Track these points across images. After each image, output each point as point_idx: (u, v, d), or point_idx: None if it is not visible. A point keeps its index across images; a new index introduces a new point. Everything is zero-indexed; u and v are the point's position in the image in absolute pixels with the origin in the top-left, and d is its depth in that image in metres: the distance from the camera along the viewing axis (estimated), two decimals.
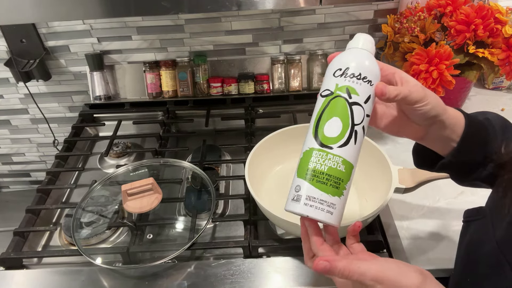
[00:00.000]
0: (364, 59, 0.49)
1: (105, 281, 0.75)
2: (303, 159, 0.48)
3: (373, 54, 0.52)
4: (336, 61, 0.51)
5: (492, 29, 0.90)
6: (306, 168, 0.47)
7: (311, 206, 0.46)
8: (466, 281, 0.55)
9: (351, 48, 0.51)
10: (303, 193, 0.47)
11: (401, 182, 0.73)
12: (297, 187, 0.48)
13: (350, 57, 0.50)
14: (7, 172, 1.48)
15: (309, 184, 0.47)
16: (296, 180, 0.48)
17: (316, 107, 0.49)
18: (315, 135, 0.48)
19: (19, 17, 0.69)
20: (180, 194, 0.94)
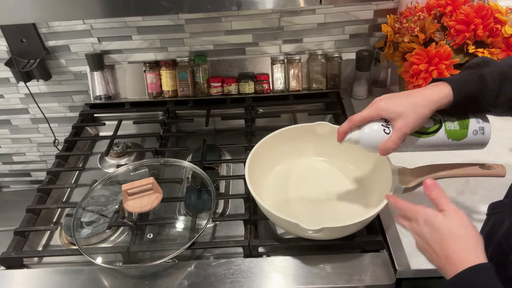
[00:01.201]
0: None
1: (105, 280, 0.75)
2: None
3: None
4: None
5: (492, 29, 0.90)
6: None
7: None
8: None
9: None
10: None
11: (401, 182, 0.73)
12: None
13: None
14: (8, 171, 1.48)
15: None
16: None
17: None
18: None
19: (19, 17, 0.69)
20: (180, 193, 0.94)
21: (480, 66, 0.62)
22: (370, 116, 0.64)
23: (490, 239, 0.58)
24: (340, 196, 0.84)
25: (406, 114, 0.61)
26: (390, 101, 0.63)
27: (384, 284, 0.71)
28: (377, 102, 0.64)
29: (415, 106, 0.61)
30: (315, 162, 0.92)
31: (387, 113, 0.62)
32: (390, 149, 0.63)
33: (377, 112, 0.63)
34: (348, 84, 1.21)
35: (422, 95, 0.61)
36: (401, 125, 0.61)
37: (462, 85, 0.61)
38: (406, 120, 0.61)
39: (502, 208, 0.59)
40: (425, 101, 0.61)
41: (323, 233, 0.67)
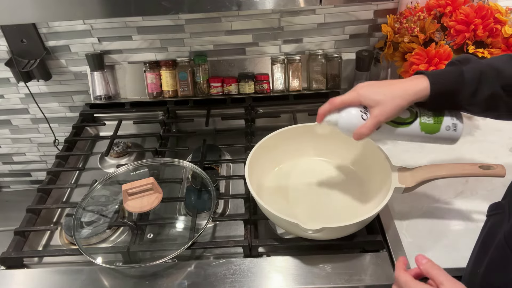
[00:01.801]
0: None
1: (105, 280, 0.75)
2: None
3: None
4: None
5: (492, 29, 0.90)
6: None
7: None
8: (476, 273, 0.57)
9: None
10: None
11: (401, 182, 0.73)
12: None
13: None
14: (8, 171, 1.48)
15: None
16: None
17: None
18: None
19: (19, 17, 0.69)
20: (181, 193, 0.94)
21: (461, 63, 0.64)
22: (350, 101, 0.66)
23: (489, 241, 0.58)
24: (340, 196, 0.84)
25: (383, 102, 0.63)
26: (371, 88, 0.65)
27: (384, 284, 0.71)
28: (358, 88, 0.66)
29: (394, 96, 0.63)
30: (315, 162, 0.92)
31: (366, 100, 0.65)
32: (363, 135, 0.65)
33: (357, 98, 0.65)
34: (348, 84, 1.21)
35: (402, 87, 0.63)
36: (377, 113, 0.63)
37: (440, 80, 0.62)
38: (383, 109, 0.63)
39: (501, 209, 0.59)
40: (404, 92, 0.63)
41: (323, 233, 0.67)
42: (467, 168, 0.73)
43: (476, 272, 0.57)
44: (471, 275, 0.59)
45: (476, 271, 0.57)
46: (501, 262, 0.52)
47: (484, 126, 1.02)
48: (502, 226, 0.55)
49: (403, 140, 0.71)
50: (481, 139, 0.98)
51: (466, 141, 0.97)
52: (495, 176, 0.72)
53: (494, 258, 0.54)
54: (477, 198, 0.83)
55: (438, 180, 0.75)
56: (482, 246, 0.60)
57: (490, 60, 0.64)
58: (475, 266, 0.59)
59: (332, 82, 1.19)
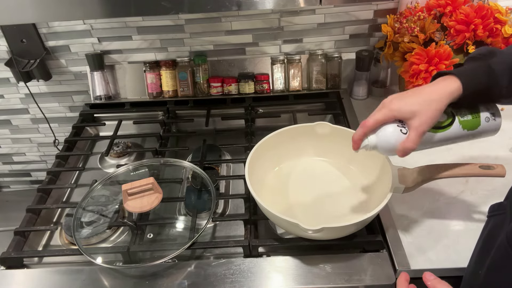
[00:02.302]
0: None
1: (105, 280, 0.75)
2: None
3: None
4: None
5: (492, 29, 0.90)
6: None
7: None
8: (477, 273, 0.56)
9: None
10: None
11: (401, 182, 0.73)
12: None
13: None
14: (8, 171, 1.48)
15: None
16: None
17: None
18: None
19: (19, 17, 0.69)
20: (181, 193, 0.94)
21: (486, 56, 0.61)
22: (383, 119, 0.62)
23: (490, 242, 0.57)
24: (340, 196, 0.84)
25: (421, 111, 0.59)
26: (402, 100, 0.61)
27: (384, 284, 0.71)
28: (387, 104, 0.62)
29: (430, 102, 0.59)
30: (315, 162, 0.92)
31: (401, 114, 0.61)
32: (409, 150, 0.61)
33: (391, 114, 0.61)
34: (348, 84, 1.21)
35: (434, 90, 0.60)
36: (418, 124, 0.59)
37: (471, 79, 0.60)
38: (423, 118, 0.59)
39: (503, 210, 0.58)
40: (439, 95, 0.59)
41: (323, 233, 0.67)
42: (467, 168, 0.73)
43: (477, 273, 0.57)
44: (472, 275, 0.59)
45: (478, 271, 0.57)
46: (503, 262, 0.52)
47: None
48: (503, 227, 0.55)
49: (445, 144, 0.67)
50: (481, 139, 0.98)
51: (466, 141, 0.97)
52: (495, 176, 0.72)
53: (496, 259, 0.54)
54: (477, 198, 0.84)
55: (438, 180, 0.75)
56: (483, 247, 0.60)
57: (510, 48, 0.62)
58: (476, 266, 0.59)
59: (332, 82, 1.19)
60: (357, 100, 1.17)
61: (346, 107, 1.14)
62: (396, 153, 0.63)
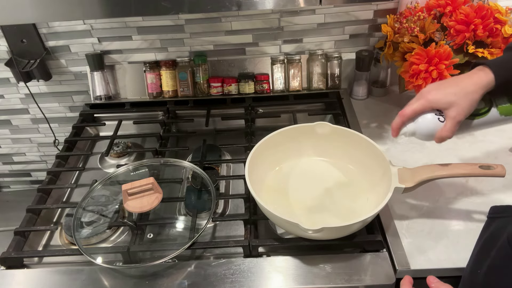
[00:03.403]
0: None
1: (105, 280, 0.75)
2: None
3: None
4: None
5: (492, 29, 0.90)
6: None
7: None
8: (476, 273, 0.57)
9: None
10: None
11: (401, 182, 0.73)
12: None
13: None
14: (8, 171, 1.49)
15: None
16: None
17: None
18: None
19: (19, 17, 0.69)
20: (181, 193, 0.94)
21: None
22: (421, 109, 0.66)
23: (491, 242, 0.57)
24: (340, 196, 0.84)
25: (457, 102, 0.62)
26: (439, 91, 0.65)
27: (384, 284, 0.71)
28: (425, 94, 0.66)
29: (466, 93, 0.62)
30: (315, 162, 0.92)
31: (438, 104, 0.65)
32: (446, 138, 0.65)
33: (428, 104, 0.65)
34: (348, 84, 1.21)
35: (471, 81, 0.63)
36: (455, 114, 0.63)
37: (504, 70, 0.62)
38: (459, 108, 0.63)
39: (508, 213, 0.58)
40: (475, 86, 0.63)
41: (323, 233, 0.67)
42: (467, 168, 0.73)
43: (476, 273, 0.57)
44: (471, 275, 0.59)
45: (477, 271, 0.57)
46: (503, 263, 0.52)
47: None
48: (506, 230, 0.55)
49: (482, 129, 0.71)
50: (481, 139, 0.98)
51: (466, 141, 0.97)
52: (495, 176, 0.72)
53: (496, 259, 0.54)
54: (477, 198, 0.84)
55: (438, 180, 0.75)
56: (483, 247, 0.60)
57: None
58: (475, 266, 0.59)
59: (332, 82, 1.19)
60: (357, 100, 1.17)
61: (346, 107, 1.14)
62: (433, 139, 0.68)
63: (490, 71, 0.62)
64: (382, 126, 1.05)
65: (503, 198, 0.83)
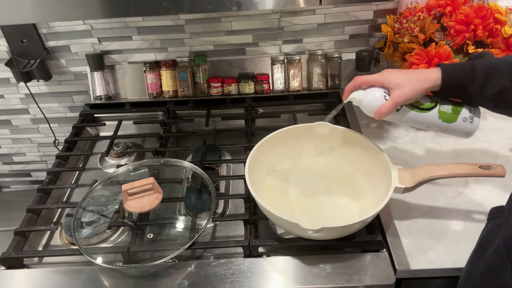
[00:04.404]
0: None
1: (105, 280, 0.75)
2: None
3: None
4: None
5: (492, 29, 0.90)
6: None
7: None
8: (472, 275, 0.57)
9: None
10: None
11: (401, 182, 0.73)
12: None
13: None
14: (8, 172, 1.49)
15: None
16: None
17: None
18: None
19: (19, 17, 0.69)
20: (181, 193, 0.94)
21: (476, 57, 0.68)
22: (374, 81, 0.71)
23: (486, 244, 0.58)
24: (340, 196, 0.84)
25: (403, 85, 0.68)
26: (395, 73, 0.70)
27: (384, 284, 0.71)
28: (384, 72, 0.71)
29: (414, 80, 0.68)
30: (315, 162, 0.92)
31: (388, 82, 0.70)
32: (383, 114, 0.70)
33: (381, 80, 0.71)
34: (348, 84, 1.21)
35: (422, 73, 0.69)
36: (397, 94, 0.68)
37: (451, 73, 0.66)
38: (402, 91, 0.68)
39: (501, 213, 0.59)
40: (423, 77, 0.68)
41: (323, 233, 0.67)
42: (467, 168, 0.73)
43: (472, 274, 0.57)
44: (467, 276, 0.59)
45: (472, 273, 0.57)
46: (498, 265, 0.52)
47: (484, 126, 1.02)
48: (501, 230, 0.55)
49: (420, 126, 0.74)
50: (481, 139, 0.98)
51: (466, 141, 0.97)
52: (495, 176, 0.72)
53: (492, 261, 0.54)
54: (477, 198, 0.84)
55: (438, 180, 0.75)
56: (478, 249, 0.60)
57: (506, 57, 0.66)
58: (471, 268, 0.59)
59: (332, 82, 1.19)
60: None
61: (346, 107, 1.14)
62: (373, 115, 0.72)
63: (440, 71, 0.67)
64: (382, 126, 1.05)
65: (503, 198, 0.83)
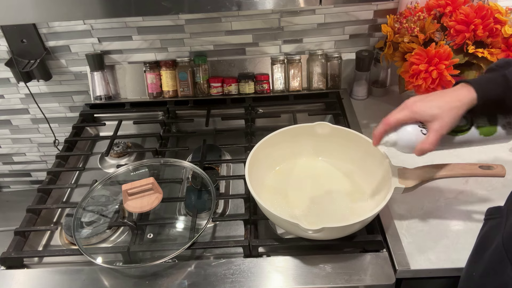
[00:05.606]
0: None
1: (105, 280, 0.75)
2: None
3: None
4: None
5: (492, 29, 0.90)
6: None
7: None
8: (472, 276, 0.57)
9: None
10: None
11: (401, 182, 0.73)
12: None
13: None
14: (8, 172, 1.49)
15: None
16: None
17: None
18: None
19: (19, 17, 0.69)
20: (181, 193, 0.94)
21: (502, 67, 0.63)
22: (404, 120, 0.66)
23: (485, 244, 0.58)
24: (340, 196, 0.84)
25: (441, 115, 0.62)
26: (424, 104, 0.64)
27: (384, 284, 0.71)
28: (410, 105, 0.65)
29: (450, 107, 0.62)
30: (315, 162, 0.92)
31: (422, 116, 0.64)
32: (427, 150, 0.64)
33: (412, 115, 0.65)
34: (348, 84, 1.21)
35: (455, 97, 0.63)
36: (438, 127, 0.62)
37: (486, 90, 0.62)
38: (442, 122, 0.62)
39: (499, 214, 0.59)
40: (459, 102, 0.62)
41: (323, 233, 0.67)
42: (467, 168, 0.73)
43: (471, 275, 0.57)
44: (467, 277, 0.59)
45: (472, 273, 0.57)
46: (498, 265, 0.52)
47: None
48: (499, 231, 0.55)
49: (461, 147, 0.70)
50: None
51: None
52: (495, 176, 0.72)
53: (491, 262, 0.54)
54: (477, 198, 0.84)
55: (438, 180, 0.75)
56: (477, 249, 0.60)
57: None
58: (470, 268, 0.59)
59: (332, 82, 1.20)
60: (357, 100, 1.17)
61: (346, 107, 1.14)
62: (414, 152, 0.66)
63: (473, 90, 0.62)
64: None
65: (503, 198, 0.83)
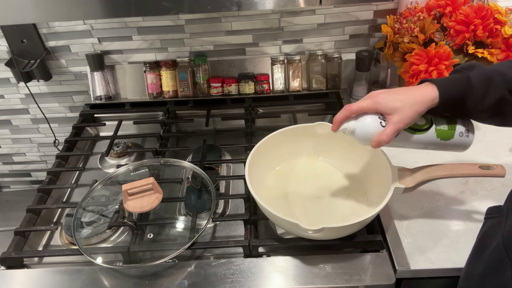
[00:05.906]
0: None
1: (105, 280, 0.75)
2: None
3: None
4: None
5: (492, 30, 0.90)
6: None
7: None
8: (472, 275, 0.57)
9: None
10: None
11: (401, 182, 0.73)
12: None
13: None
14: (8, 172, 1.49)
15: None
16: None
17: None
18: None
19: (20, 17, 0.69)
20: (181, 193, 0.94)
21: (466, 69, 0.63)
22: (367, 108, 0.65)
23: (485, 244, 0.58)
24: (340, 196, 0.84)
25: (402, 109, 0.62)
26: (388, 96, 0.64)
27: (384, 284, 0.71)
28: (374, 96, 0.65)
29: (412, 102, 0.62)
30: (315, 162, 0.92)
31: (383, 107, 0.64)
32: (383, 142, 0.64)
33: (374, 106, 0.64)
34: (348, 84, 1.21)
35: (418, 93, 0.63)
36: (397, 120, 0.62)
37: (448, 88, 0.62)
38: (402, 115, 0.62)
39: (499, 213, 0.59)
40: (422, 98, 0.62)
41: (323, 233, 0.67)
42: (467, 168, 0.73)
43: (471, 274, 0.57)
44: (467, 276, 0.60)
45: (471, 272, 0.57)
46: (498, 265, 0.52)
47: (484, 126, 1.01)
48: (499, 230, 0.55)
49: (418, 147, 0.70)
50: (481, 139, 0.98)
51: None
52: (495, 176, 0.72)
53: (491, 261, 0.54)
54: (477, 198, 0.84)
55: (438, 180, 0.75)
56: (477, 248, 0.60)
57: (495, 66, 0.63)
58: (470, 267, 0.59)
59: (332, 82, 1.20)
60: (357, 100, 1.17)
61: None
62: (370, 144, 0.66)
63: (436, 88, 0.62)
64: None
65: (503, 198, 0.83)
